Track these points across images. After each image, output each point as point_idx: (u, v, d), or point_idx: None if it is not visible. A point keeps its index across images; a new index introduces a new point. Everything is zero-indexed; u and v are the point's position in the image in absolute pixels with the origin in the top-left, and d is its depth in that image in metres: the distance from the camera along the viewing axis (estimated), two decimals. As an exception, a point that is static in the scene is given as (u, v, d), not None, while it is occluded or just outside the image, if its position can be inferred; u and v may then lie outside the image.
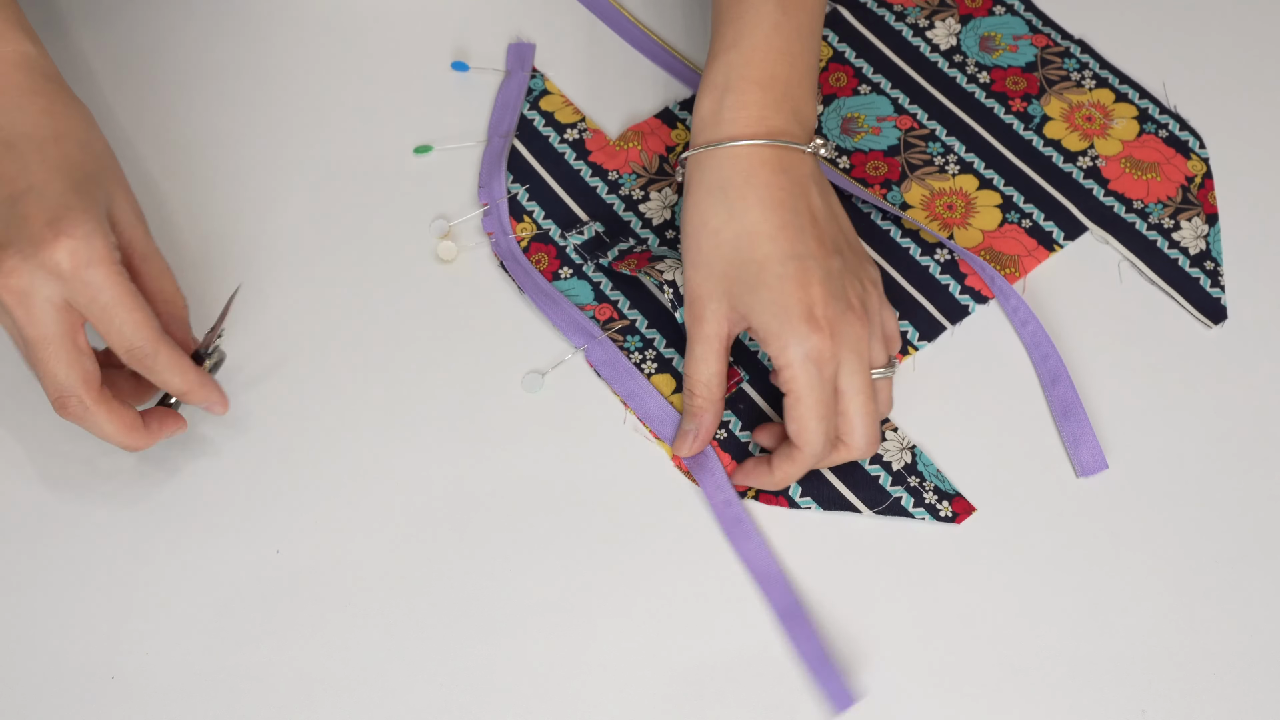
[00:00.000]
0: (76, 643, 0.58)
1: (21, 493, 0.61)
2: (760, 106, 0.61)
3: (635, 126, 0.74)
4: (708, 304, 0.60)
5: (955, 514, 0.61)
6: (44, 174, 0.54)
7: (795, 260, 0.58)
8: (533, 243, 0.70)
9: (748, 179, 0.60)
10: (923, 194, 0.71)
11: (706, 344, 0.60)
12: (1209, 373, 0.65)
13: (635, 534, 0.61)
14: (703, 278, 0.60)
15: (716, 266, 0.59)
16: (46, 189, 0.53)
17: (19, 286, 0.52)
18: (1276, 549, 0.61)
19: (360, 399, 0.64)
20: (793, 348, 0.57)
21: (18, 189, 0.53)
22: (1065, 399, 0.64)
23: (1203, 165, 0.72)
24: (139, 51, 0.75)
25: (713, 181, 0.60)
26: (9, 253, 0.52)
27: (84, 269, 0.52)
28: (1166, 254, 0.69)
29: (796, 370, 0.57)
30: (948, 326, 0.67)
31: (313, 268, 0.69)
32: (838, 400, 0.58)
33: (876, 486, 0.62)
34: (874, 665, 0.58)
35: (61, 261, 0.52)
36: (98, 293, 0.53)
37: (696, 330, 0.60)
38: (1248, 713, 0.57)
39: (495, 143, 0.72)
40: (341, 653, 0.58)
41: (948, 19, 0.78)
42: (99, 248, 0.53)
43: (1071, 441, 0.63)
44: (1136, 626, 0.59)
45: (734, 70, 0.62)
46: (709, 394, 0.61)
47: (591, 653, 0.58)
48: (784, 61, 0.63)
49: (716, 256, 0.59)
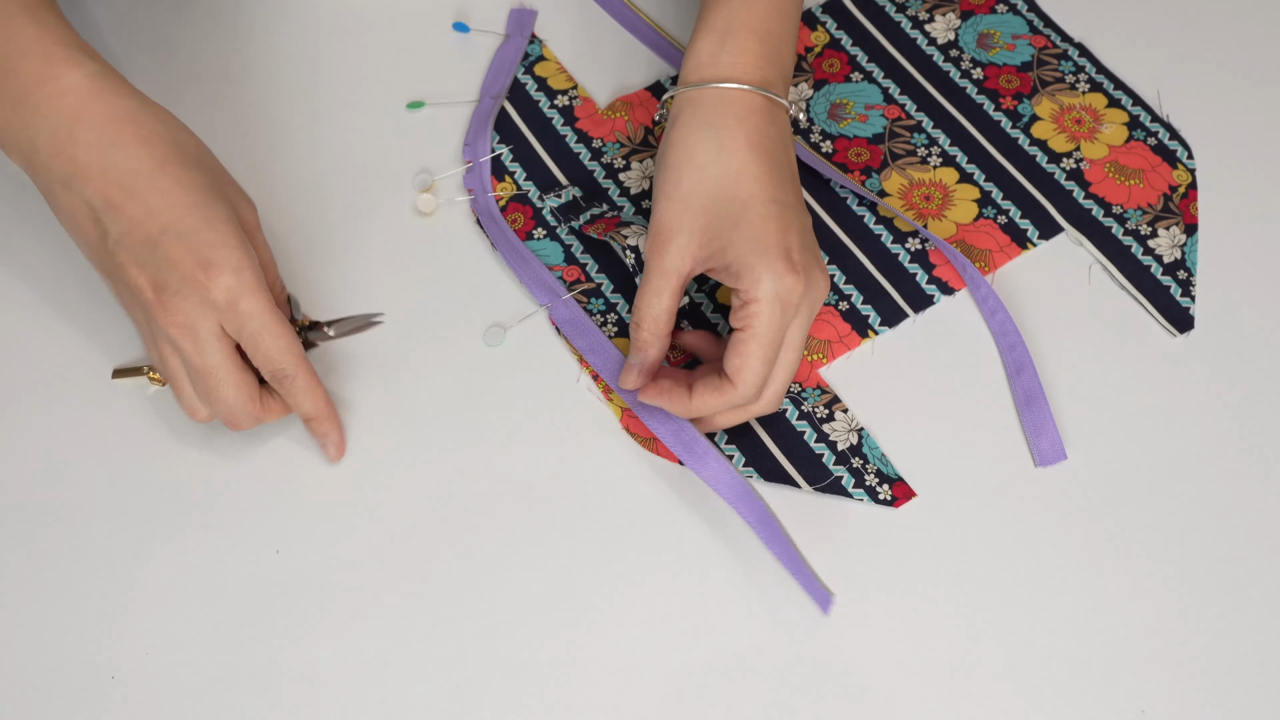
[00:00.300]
0: (76, 643, 0.58)
1: (22, 493, 0.62)
2: (757, 56, 0.62)
3: (624, 97, 0.75)
4: (675, 237, 0.59)
5: (895, 498, 0.62)
6: (169, 210, 0.55)
7: (777, 204, 0.59)
8: (511, 202, 0.71)
9: (739, 121, 0.60)
10: (901, 183, 0.71)
11: (664, 278, 0.60)
12: (1171, 379, 0.65)
13: (589, 503, 0.62)
14: (678, 211, 0.59)
15: (695, 200, 0.59)
16: (181, 226, 0.55)
17: (185, 323, 0.55)
18: (1231, 548, 0.60)
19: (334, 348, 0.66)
20: (766, 283, 0.57)
21: (152, 232, 0.54)
22: (1029, 388, 0.64)
23: (1188, 175, 0.71)
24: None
25: (704, 119, 0.61)
26: (169, 294, 0.55)
27: (238, 301, 0.55)
28: (1140, 260, 0.69)
29: (764, 306, 0.57)
30: (910, 314, 0.67)
31: (296, 209, 0.70)
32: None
33: (819, 464, 0.63)
34: (873, 665, 0.58)
35: (218, 298, 0.55)
36: (248, 320, 0.56)
37: (656, 264, 0.60)
38: (1248, 713, 0.57)
39: (485, 103, 0.74)
40: (341, 653, 0.58)
41: (948, 14, 0.78)
42: (248, 279, 0.56)
43: (1032, 431, 0.63)
44: (1137, 626, 0.59)
45: (735, 18, 0.63)
46: (656, 328, 0.61)
47: (591, 652, 0.58)
48: (777, 18, 0.64)
49: (699, 190, 0.59)
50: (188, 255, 0.54)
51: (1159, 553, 0.61)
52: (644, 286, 0.61)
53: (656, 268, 0.60)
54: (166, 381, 0.60)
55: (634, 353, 0.62)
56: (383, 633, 0.58)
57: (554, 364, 0.66)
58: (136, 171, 0.55)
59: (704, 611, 0.59)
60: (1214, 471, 0.63)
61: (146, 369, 0.64)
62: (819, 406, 0.64)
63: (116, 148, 0.55)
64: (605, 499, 0.62)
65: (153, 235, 0.54)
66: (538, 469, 0.63)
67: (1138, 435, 0.64)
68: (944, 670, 0.58)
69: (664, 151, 0.61)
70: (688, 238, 0.59)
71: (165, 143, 0.56)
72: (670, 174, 0.60)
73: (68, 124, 0.55)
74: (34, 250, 0.69)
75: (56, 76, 0.55)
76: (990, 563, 0.60)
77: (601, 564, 0.60)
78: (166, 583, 0.60)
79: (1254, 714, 0.57)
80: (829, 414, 0.64)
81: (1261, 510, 0.62)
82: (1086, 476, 0.63)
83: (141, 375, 0.64)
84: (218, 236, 0.55)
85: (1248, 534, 0.61)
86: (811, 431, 0.63)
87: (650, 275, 0.60)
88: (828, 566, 0.60)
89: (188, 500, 0.62)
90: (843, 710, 0.57)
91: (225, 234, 0.56)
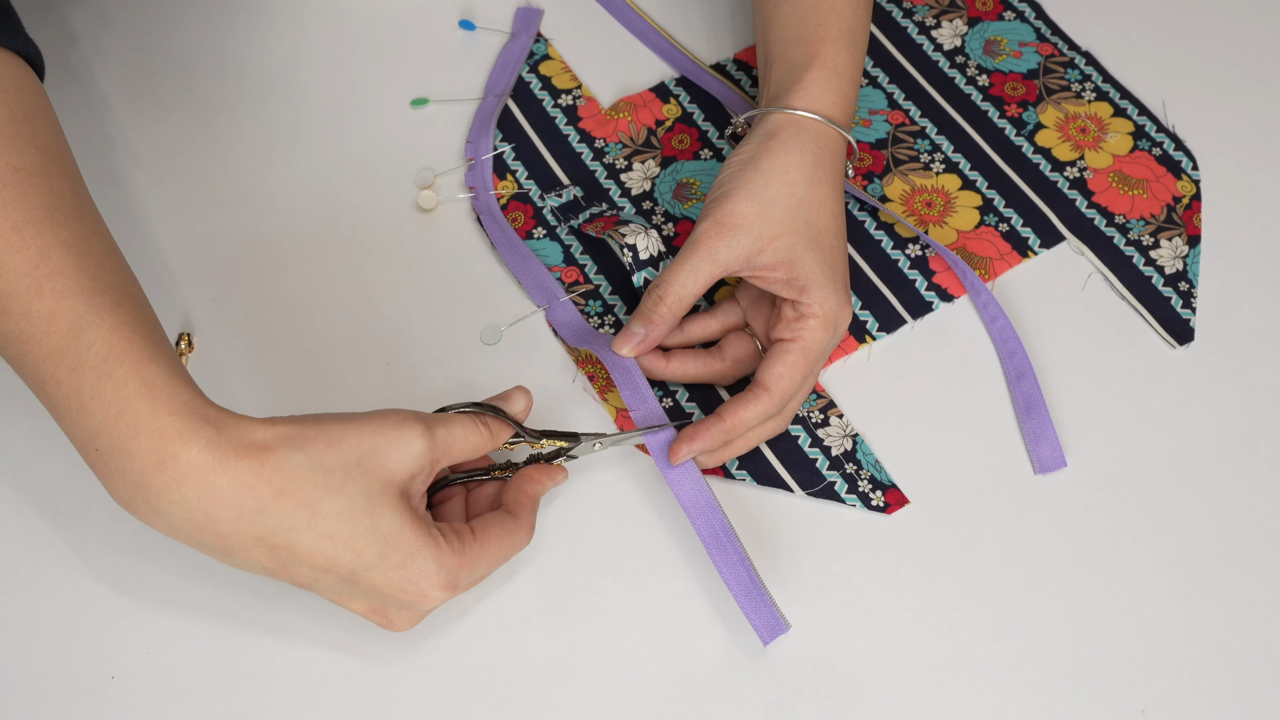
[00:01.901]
0: (76, 643, 0.58)
1: (22, 493, 0.62)
2: (849, 102, 0.65)
3: (628, 98, 0.75)
4: (741, 233, 0.60)
5: (887, 504, 0.62)
6: (346, 553, 0.51)
7: (842, 240, 0.63)
8: (512, 200, 0.71)
9: (832, 159, 0.63)
10: (903, 189, 0.71)
11: (709, 263, 0.60)
12: (1170, 389, 0.65)
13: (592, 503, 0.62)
14: (755, 211, 0.60)
15: (777, 210, 0.61)
16: (366, 561, 0.51)
17: (419, 618, 0.55)
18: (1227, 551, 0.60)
19: (327, 339, 0.66)
20: (829, 301, 0.60)
21: (343, 574, 0.52)
22: (1029, 395, 0.64)
23: (1193, 186, 0.71)
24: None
25: (806, 145, 0.62)
26: (395, 610, 0.54)
27: (454, 585, 0.53)
28: (1141, 270, 0.68)
29: (820, 322, 0.60)
30: (908, 320, 0.67)
31: (299, 203, 0.70)
32: None
33: (813, 469, 0.62)
34: (873, 666, 0.58)
35: (440, 596, 0.53)
36: (469, 581, 0.54)
37: (706, 248, 0.60)
38: (1248, 713, 0.57)
39: (489, 101, 0.74)
40: (341, 653, 0.58)
41: (955, 20, 0.78)
42: (449, 567, 0.53)
43: (1032, 438, 0.63)
44: (1137, 626, 0.58)
45: (842, 62, 0.65)
46: (677, 306, 0.61)
47: (590, 653, 0.58)
48: (860, 67, 0.67)
49: (783, 203, 0.61)
50: (390, 585, 0.52)
51: (1157, 556, 0.60)
52: (681, 264, 0.61)
53: (705, 251, 0.60)
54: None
55: (641, 322, 0.62)
56: (383, 633, 0.58)
57: (551, 363, 0.66)
58: (291, 529, 0.50)
59: (703, 612, 0.59)
60: (1211, 478, 0.62)
61: None
62: (814, 411, 0.64)
63: (261, 515, 0.50)
64: (603, 498, 0.62)
65: (345, 577, 0.52)
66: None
67: (1135, 443, 0.64)
68: (943, 671, 0.58)
69: (756, 157, 0.62)
70: (753, 238, 0.60)
71: (309, 484, 0.50)
72: (759, 178, 0.61)
73: (201, 506, 0.50)
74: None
75: (174, 457, 0.49)
76: (989, 565, 0.60)
77: (600, 564, 0.60)
78: (166, 583, 0.60)
79: (1254, 714, 0.57)
80: (824, 419, 0.64)
81: (1259, 516, 0.61)
82: (1083, 481, 0.62)
83: None
84: (404, 552, 0.52)
85: (1245, 539, 0.61)
86: (806, 436, 0.63)
87: (693, 256, 0.61)
88: (828, 566, 0.60)
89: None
90: (841, 712, 0.57)
91: (412, 544, 0.52)
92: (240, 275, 0.68)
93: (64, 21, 0.77)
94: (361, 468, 0.51)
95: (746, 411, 0.60)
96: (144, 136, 0.73)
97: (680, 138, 0.73)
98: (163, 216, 0.70)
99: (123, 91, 0.75)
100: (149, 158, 0.72)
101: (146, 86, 0.75)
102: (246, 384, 0.65)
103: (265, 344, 0.66)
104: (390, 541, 0.51)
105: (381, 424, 0.52)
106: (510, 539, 0.55)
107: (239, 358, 0.66)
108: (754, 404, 0.60)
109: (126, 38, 0.77)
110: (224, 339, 0.66)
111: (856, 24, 0.66)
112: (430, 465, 0.53)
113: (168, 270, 0.68)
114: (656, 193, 0.71)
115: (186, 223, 0.70)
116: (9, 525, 0.61)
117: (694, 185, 0.71)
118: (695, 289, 0.61)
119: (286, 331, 0.67)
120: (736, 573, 0.58)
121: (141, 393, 0.50)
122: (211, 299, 0.68)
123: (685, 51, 0.76)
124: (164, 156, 0.72)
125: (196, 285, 0.68)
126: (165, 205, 0.71)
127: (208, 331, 0.67)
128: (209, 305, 0.67)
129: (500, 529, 0.55)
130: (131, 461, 0.49)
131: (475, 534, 0.54)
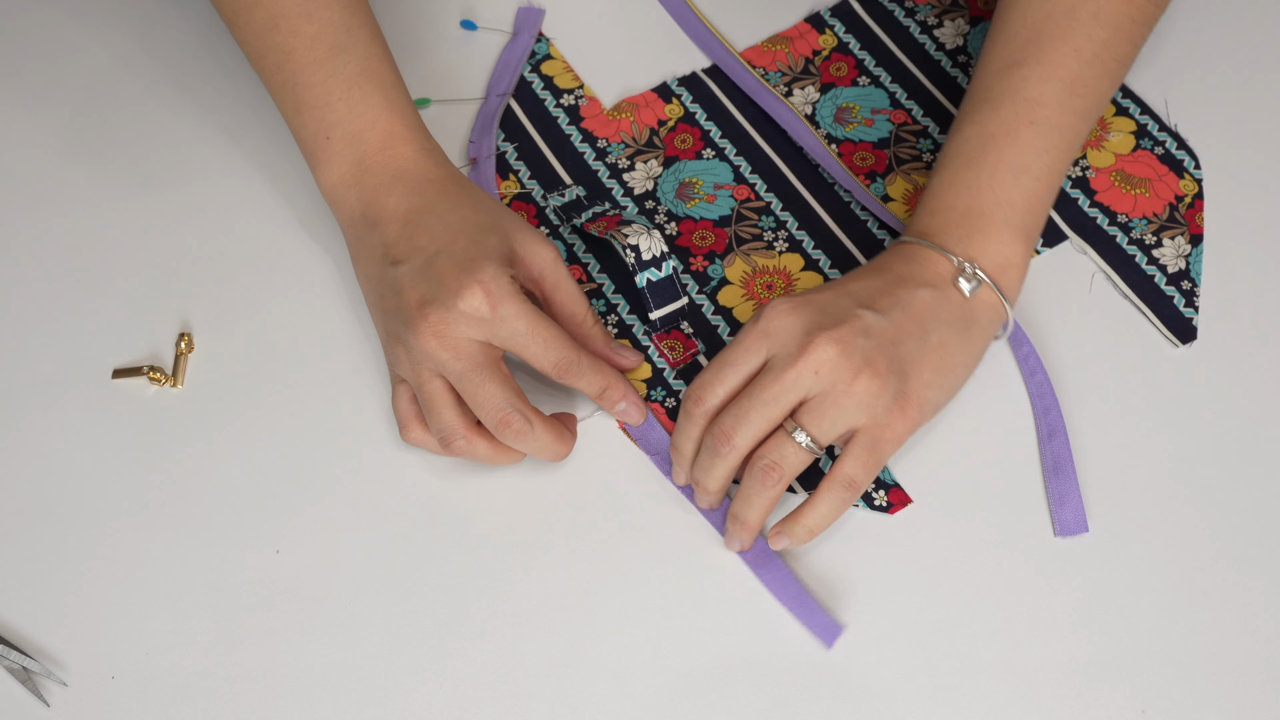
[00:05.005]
0: (76, 643, 0.59)
1: (22, 493, 0.62)
2: (1022, 276, 0.63)
3: (631, 98, 0.75)
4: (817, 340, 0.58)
5: (890, 504, 0.62)
6: (448, 237, 0.60)
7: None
8: (514, 200, 0.71)
9: (984, 331, 0.62)
10: (906, 188, 0.71)
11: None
12: (1172, 388, 0.65)
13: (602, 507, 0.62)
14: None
15: (850, 318, 0.59)
16: (453, 247, 0.60)
17: (445, 331, 0.58)
18: (1241, 554, 0.60)
19: (328, 340, 0.66)
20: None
21: (431, 253, 0.60)
22: (1058, 455, 0.63)
23: (1195, 185, 0.71)
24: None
25: (973, 315, 0.61)
26: (433, 307, 0.58)
27: (497, 306, 0.58)
28: (1144, 269, 0.68)
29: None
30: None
31: (300, 200, 0.70)
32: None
33: (815, 468, 0.62)
34: (873, 666, 0.58)
35: (479, 305, 0.58)
36: (513, 323, 0.58)
37: (776, 344, 0.59)
38: (1248, 713, 0.56)
39: (491, 101, 0.74)
40: (341, 653, 0.58)
41: (958, 19, 0.77)
42: (505, 285, 0.58)
43: (1056, 500, 0.62)
44: (1137, 626, 0.58)
45: (1004, 209, 0.62)
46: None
47: (592, 654, 0.58)
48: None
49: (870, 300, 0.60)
50: (453, 269, 0.58)
51: (1157, 556, 0.60)
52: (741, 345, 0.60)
53: (772, 351, 0.59)
54: (422, 414, 0.60)
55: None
56: (382, 633, 0.58)
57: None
58: (429, 210, 0.62)
59: (704, 613, 0.59)
60: (1213, 475, 0.62)
61: (146, 369, 0.64)
62: (817, 411, 0.64)
63: (420, 198, 0.62)
64: (604, 499, 0.62)
65: (430, 256, 0.59)
66: (537, 469, 0.63)
67: (1137, 441, 0.63)
68: (944, 671, 0.57)
69: (887, 264, 0.62)
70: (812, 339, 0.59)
71: (462, 198, 0.63)
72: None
73: (388, 181, 0.63)
74: (34, 250, 0.69)
75: (393, 148, 0.63)
76: (990, 564, 0.60)
77: (601, 565, 0.60)
78: (166, 583, 0.60)
79: (1254, 714, 0.56)
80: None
81: (1260, 516, 0.61)
82: (1085, 478, 0.62)
83: (141, 375, 0.64)
84: (481, 253, 0.59)
85: (1248, 536, 0.61)
86: (808, 436, 0.63)
87: (749, 350, 0.59)
88: (826, 568, 0.60)
89: (188, 500, 0.62)
90: (841, 712, 0.57)
91: (488, 253, 0.59)
92: (240, 275, 0.68)
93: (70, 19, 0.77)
94: (502, 222, 0.62)
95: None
96: (144, 136, 0.73)
97: (683, 138, 0.73)
98: (163, 216, 0.70)
99: (122, 91, 0.75)
100: (149, 157, 0.72)
101: (147, 86, 0.75)
102: (247, 384, 0.65)
103: (265, 344, 0.66)
104: (481, 246, 0.59)
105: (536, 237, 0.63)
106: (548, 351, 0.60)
107: (239, 358, 0.66)
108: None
109: (121, 40, 0.77)
110: (224, 339, 0.66)
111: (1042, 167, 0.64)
112: (507, 263, 0.60)
113: (168, 270, 0.68)
114: (659, 192, 0.71)
115: (187, 223, 0.70)
116: (9, 525, 0.61)
117: (696, 185, 0.71)
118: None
119: (286, 332, 0.67)
120: (786, 585, 0.59)
121: (382, 105, 0.64)
122: (211, 299, 0.68)
123: (724, 41, 0.76)
124: (164, 155, 0.72)
125: (196, 285, 0.68)
126: (165, 205, 0.71)
127: (208, 331, 0.67)
128: (209, 305, 0.67)
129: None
130: (359, 147, 0.63)
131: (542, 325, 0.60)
